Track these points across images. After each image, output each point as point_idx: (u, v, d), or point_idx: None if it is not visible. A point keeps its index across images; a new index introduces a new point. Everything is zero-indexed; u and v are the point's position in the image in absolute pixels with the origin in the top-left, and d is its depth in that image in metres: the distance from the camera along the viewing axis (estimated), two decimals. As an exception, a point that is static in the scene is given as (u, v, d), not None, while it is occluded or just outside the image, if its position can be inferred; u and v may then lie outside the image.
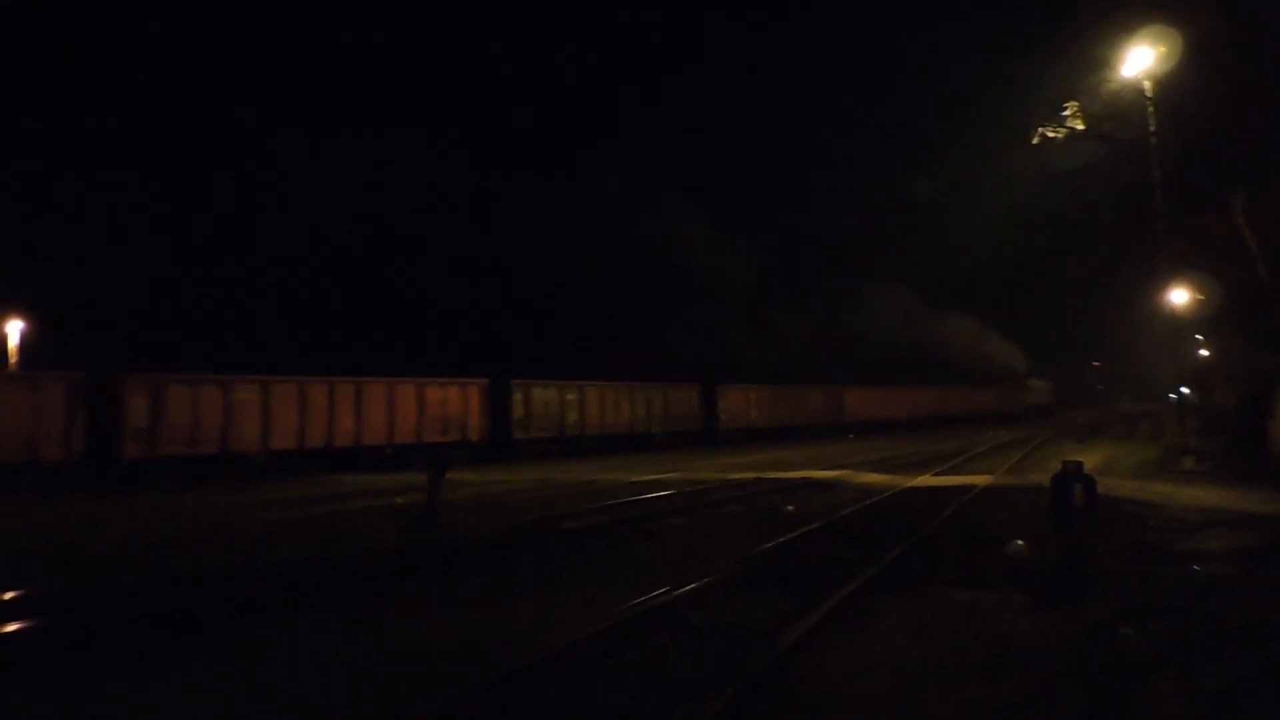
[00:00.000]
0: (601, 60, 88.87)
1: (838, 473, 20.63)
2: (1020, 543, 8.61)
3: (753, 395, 42.28)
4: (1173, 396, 40.53)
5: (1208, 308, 26.65)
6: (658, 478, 20.72)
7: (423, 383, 27.96)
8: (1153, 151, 19.37)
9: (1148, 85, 19.11)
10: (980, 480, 17.60)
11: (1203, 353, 40.83)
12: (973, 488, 16.06)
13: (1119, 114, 20.10)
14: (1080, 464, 8.62)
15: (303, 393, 24.72)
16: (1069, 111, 19.76)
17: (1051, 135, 19.94)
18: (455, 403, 28.73)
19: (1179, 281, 24.23)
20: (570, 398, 32.74)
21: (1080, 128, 19.79)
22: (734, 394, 41.12)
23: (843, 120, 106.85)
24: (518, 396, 30.74)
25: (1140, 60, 18.86)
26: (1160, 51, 18.26)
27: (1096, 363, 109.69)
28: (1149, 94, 19.12)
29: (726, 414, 40.23)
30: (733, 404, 40.81)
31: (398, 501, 16.03)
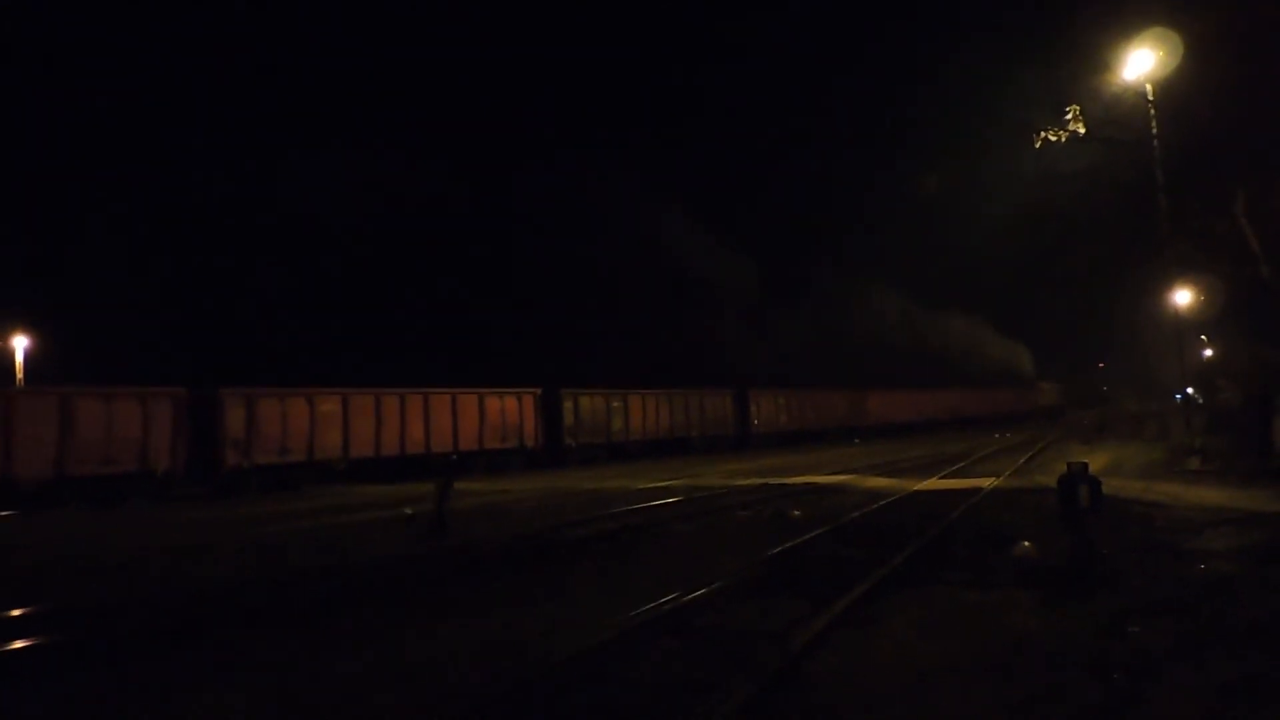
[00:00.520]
0: (611, 64, 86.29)
1: (845, 477, 19.86)
2: (1028, 543, 8.21)
3: (781, 400, 41.74)
4: (1178, 396, 38.97)
5: (1212, 307, 25.56)
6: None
7: (484, 393, 28.07)
8: (1155, 153, 18.54)
9: (1149, 88, 18.29)
10: (987, 483, 16.76)
11: (1207, 353, 39.27)
12: (979, 490, 15.33)
13: (1119, 119, 19.28)
14: (1085, 465, 8.21)
15: (378, 404, 24.97)
16: (1070, 115, 18.98)
17: (1053, 139, 19.18)
18: (512, 411, 28.76)
19: (1183, 282, 23.16)
20: (615, 405, 32.53)
21: (1081, 131, 18.99)
22: (765, 399, 40.62)
23: (847, 122, 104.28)
24: (567, 405, 30.62)
25: (1141, 63, 17.92)
26: (1160, 55, 17.45)
27: (1101, 364, 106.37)
28: (1151, 97, 18.30)
29: (758, 418, 39.75)
30: (764, 408, 40.32)
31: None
